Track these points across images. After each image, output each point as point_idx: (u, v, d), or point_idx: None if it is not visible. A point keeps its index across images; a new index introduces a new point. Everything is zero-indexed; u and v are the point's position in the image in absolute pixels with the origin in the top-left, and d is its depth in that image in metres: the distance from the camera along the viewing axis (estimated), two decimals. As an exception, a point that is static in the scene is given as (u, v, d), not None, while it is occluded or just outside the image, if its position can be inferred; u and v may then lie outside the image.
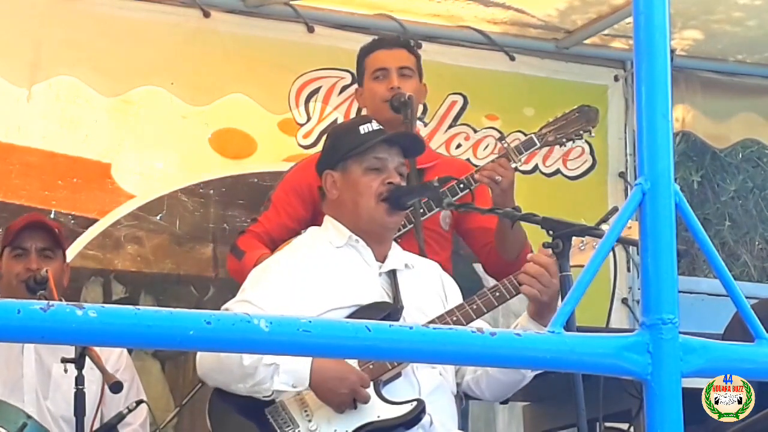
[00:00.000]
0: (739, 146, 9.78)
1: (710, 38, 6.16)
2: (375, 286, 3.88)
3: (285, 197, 4.51)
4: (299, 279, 3.82)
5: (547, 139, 4.54)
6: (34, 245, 4.40)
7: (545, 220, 3.61)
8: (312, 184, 4.33)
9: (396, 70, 4.54)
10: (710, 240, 2.34)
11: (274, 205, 4.52)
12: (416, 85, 4.58)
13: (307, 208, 4.45)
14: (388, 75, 4.53)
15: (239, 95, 5.47)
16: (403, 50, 4.64)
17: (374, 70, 4.56)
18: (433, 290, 3.99)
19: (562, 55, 6.12)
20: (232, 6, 5.53)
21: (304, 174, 4.48)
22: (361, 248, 3.91)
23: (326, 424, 3.70)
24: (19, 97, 5.18)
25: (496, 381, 3.87)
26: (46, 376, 4.32)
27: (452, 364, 3.80)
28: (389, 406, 3.73)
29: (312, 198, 4.38)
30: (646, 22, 2.28)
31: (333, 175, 3.94)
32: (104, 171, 5.35)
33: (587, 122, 4.54)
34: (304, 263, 3.89)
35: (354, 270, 3.89)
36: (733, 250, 11.52)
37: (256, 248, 4.37)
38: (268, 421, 3.72)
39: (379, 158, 3.89)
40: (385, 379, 3.76)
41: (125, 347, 4.09)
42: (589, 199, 6.06)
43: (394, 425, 3.71)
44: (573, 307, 2.27)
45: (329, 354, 2.71)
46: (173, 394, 5.38)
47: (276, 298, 3.75)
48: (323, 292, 3.79)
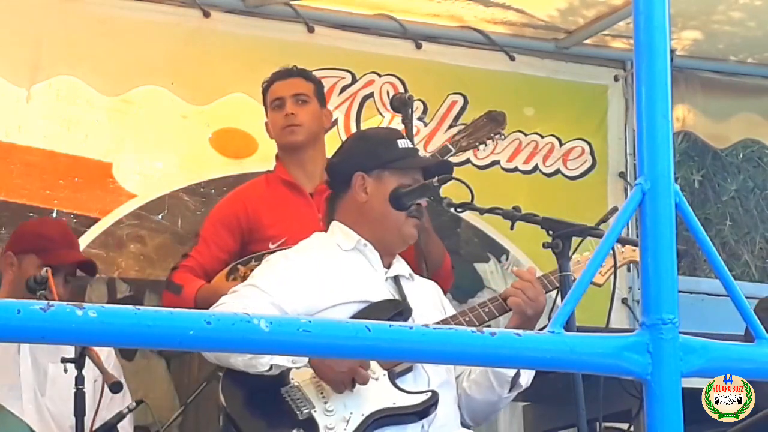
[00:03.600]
0: (739, 146, 9.79)
1: (710, 38, 6.16)
2: (382, 288, 3.93)
3: (214, 231, 4.67)
4: (309, 272, 3.86)
5: (461, 145, 4.71)
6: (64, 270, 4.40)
7: (545, 220, 3.61)
8: (239, 215, 4.62)
9: (290, 97, 4.72)
10: (711, 240, 2.34)
11: (203, 239, 4.67)
12: (315, 110, 4.75)
13: (236, 240, 4.64)
14: (283, 104, 4.72)
15: (239, 95, 5.47)
16: (297, 78, 4.81)
17: (272, 100, 4.77)
18: (433, 303, 4.03)
19: (562, 55, 6.13)
20: (232, 6, 5.53)
21: (232, 206, 4.71)
22: (369, 252, 3.95)
23: (342, 406, 3.73)
24: (19, 97, 5.18)
25: (472, 400, 3.91)
26: (43, 375, 4.32)
27: (452, 364, 3.82)
28: (404, 394, 3.78)
29: (240, 229, 4.62)
30: (646, 22, 2.28)
31: (366, 178, 3.97)
32: (105, 170, 5.35)
33: (496, 125, 4.76)
34: (313, 260, 3.92)
35: (361, 272, 3.93)
36: (733, 250, 11.52)
37: (193, 281, 4.51)
38: (284, 400, 3.73)
39: (415, 178, 3.96)
40: (399, 371, 3.80)
41: (125, 347, 4.09)
42: (589, 199, 6.06)
43: (408, 413, 3.76)
44: (573, 307, 2.28)
45: (329, 354, 2.71)
46: (178, 393, 5.38)
47: (284, 287, 3.79)
48: (333, 287, 3.83)
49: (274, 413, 3.74)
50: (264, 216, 4.63)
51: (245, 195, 4.76)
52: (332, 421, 3.70)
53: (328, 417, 3.71)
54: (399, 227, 3.95)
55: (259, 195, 4.72)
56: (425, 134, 5.82)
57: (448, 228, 5.89)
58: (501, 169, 5.96)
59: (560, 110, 6.16)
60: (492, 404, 3.93)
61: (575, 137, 6.13)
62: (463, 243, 5.99)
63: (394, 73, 5.74)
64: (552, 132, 6.07)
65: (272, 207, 4.65)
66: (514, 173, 6.00)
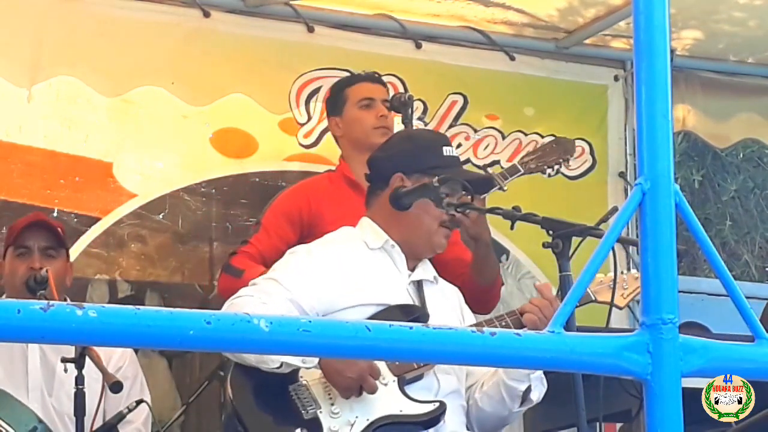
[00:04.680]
0: (739, 146, 9.80)
1: (710, 38, 6.16)
2: (403, 291, 3.91)
3: (276, 221, 4.66)
4: (330, 269, 3.83)
5: (530, 167, 4.70)
6: (36, 244, 4.40)
7: (545, 220, 3.61)
8: (302, 208, 4.60)
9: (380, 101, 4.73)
10: (711, 240, 2.34)
11: (265, 228, 4.65)
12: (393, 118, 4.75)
13: (296, 233, 4.61)
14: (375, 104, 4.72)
15: (240, 95, 5.47)
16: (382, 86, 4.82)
17: (361, 98, 4.74)
18: (453, 310, 4.01)
19: (562, 55, 6.13)
20: (232, 6, 5.53)
21: (295, 199, 4.70)
22: (396, 254, 3.93)
23: (349, 410, 3.71)
24: (20, 97, 5.18)
25: (483, 412, 3.89)
26: (51, 374, 4.32)
27: (452, 364, 3.81)
28: (412, 403, 3.76)
29: (301, 223, 4.60)
30: (646, 22, 2.28)
31: (405, 180, 3.95)
32: (106, 170, 5.35)
33: (565, 152, 4.77)
34: (336, 256, 3.90)
35: (385, 272, 3.91)
36: (733, 250, 11.54)
37: (254, 267, 4.47)
38: (291, 397, 3.72)
39: (454, 188, 3.92)
40: (409, 378, 3.78)
41: (125, 347, 4.09)
42: (589, 199, 6.06)
43: (414, 422, 3.74)
44: (573, 307, 2.28)
45: (329, 354, 2.71)
46: (180, 392, 5.37)
47: (304, 284, 3.77)
48: (352, 287, 3.81)
49: (280, 411, 3.72)
50: (326, 212, 4.61)
51: (309, 189, 4.75)
52: (337, 423, 3.69)
53: (333, 419, 3.69)
54: (430, 235, 3.93)
55: (322, 191, 4.71)
56: (425, 134, 5.82)
57: (448, 228, 5.89)
58: (501, 169, 5.95)
59: (560, 110, 6.16)
60: (502, 418, 3.91)
61: (575, 137, 6.11)
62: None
63: (394, 73, 5.73)
64: (552, 132, 6.05)
65: (334, 204, 4.63)
66: (514, 173, 5.99)
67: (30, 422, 3.86)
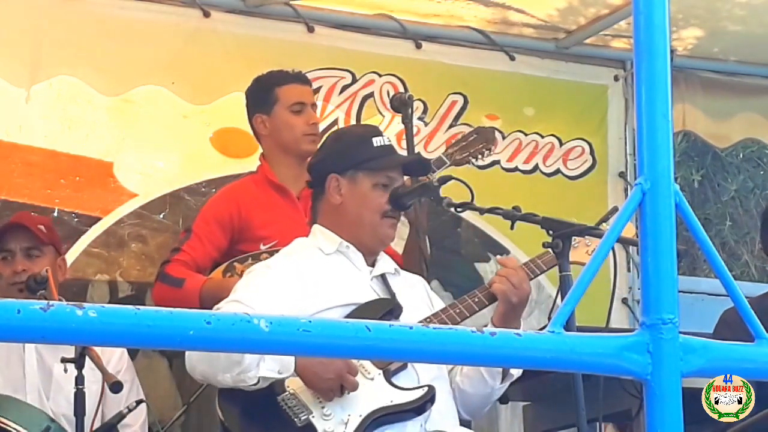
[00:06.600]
0: (739, 146, 9.79)
1: (711, 38, 6.16)
2: (367, 288, 3.91)
3: (207, 228, 4.65)
4: (291, 280, 3.83)
5: (455, 158, 4.72)
6: (18, 246, 4.43)
7: (545, 220, 3.62)
8: (233, 214, 4.60)
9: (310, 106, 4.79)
10: (711, 240, 2.34)
11: (197, 234, 4.63)
12: None
13: (227, 238, 4.63)
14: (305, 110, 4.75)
15: (240, 94, 5.46)
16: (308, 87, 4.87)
17: (292, 103, 4.75)
18: (422, 299, 4.03)
19: (562, 55, 6.13)
20: (232, 6, 5.53)
21: (226, 204, 4.69)
22: (352, 254, 3.94)
23: (340, 409, 3.72)
24: (20, 96, 5.18)
25: (466, 394, 3.92)
26: (48, 375, 4.32)
27: (452, 364, 3.82)
28: (401, 392, 3.78)
29: (232, 228, 4.61)
30: (646, 22, 2.28)
31: (339, 180, 3.94)
32: (106, 170, 5.35)
33: (486, 141, 4.78)
34: (295, 266, 3.89)
35: (345, 273, 3.91)
36: (733, 250, 11.54)
37: (194, 275, 4.50)
38: (281, 408, 3.72)
39: (390, 177, 3.94)
40: (394, 369, 3.80)
41: (125, 347, 4.08)
42: (589, 199, 6.06)
43: (406, 410, 3.76)
44: (573, 307, 2.28)
45: (330, 354, 2.71)
46: (180, 392, 5.37)
47: (268, 299, 3.75)
48: (317, 293, 3.80)
49: (273, 423, 3.72)
50: (255, 217, 4.63)
51: (238, 194, 4.75)
52: (331, 424, 3.69)
53: (327, 421, 3.70)
54: (374, 228, 3.92)
55: (251, 196, 4.72)
56: (425, 134, 5.82)
57: (448, 228, 5.90)
58: (501, 169, 5.96)
59: (560, 110, 6.16)
60: (485, 396, 3.94)
61: (575, 137, 6.13)
62: (464, 243, 6.00)
63: (395, 72, 5.74)
64: (552, 132, 6.07)
65: (262, 209, 4.65)
66: (514, 173, 6.00)
67: (42, 422, 3.87)
